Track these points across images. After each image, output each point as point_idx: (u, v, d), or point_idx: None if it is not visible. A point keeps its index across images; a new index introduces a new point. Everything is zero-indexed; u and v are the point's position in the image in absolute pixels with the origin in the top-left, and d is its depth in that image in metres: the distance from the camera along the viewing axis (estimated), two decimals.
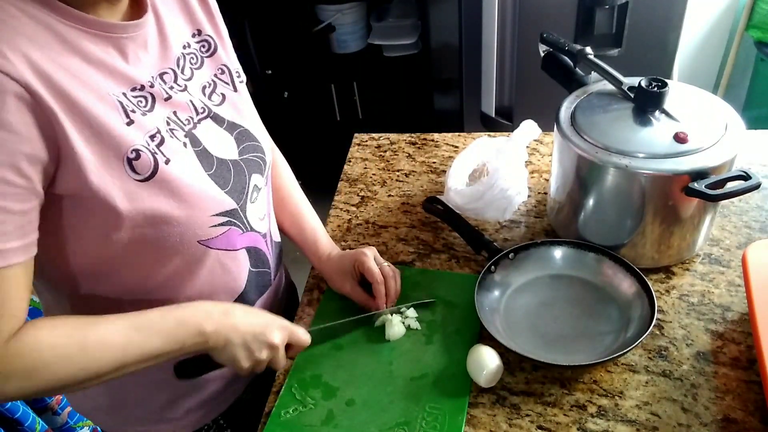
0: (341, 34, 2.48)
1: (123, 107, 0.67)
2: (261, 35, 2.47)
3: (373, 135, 1.38)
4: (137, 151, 0.67)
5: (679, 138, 0.86)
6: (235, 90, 0.85)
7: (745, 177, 0.84)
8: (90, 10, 0.65)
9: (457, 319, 0.92)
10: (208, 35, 0.83)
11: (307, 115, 2.71)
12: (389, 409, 0.81)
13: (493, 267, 0.94)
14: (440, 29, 2.22)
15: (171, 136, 0.72)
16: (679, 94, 0.94)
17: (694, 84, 0.98)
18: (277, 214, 1.01)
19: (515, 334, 0.87)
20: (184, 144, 0.74)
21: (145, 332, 0.69)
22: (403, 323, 0.91)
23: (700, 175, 0.83)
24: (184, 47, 0.79)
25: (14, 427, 1.32)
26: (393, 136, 1.37)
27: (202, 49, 0.82)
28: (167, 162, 0.70)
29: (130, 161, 0.66)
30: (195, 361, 0.78)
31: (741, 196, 0.87)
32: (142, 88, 0.71)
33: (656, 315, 0.82)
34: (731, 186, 0.83)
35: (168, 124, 0.73)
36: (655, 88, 0.90)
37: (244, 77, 0.89)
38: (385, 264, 0.94)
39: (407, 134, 1.37)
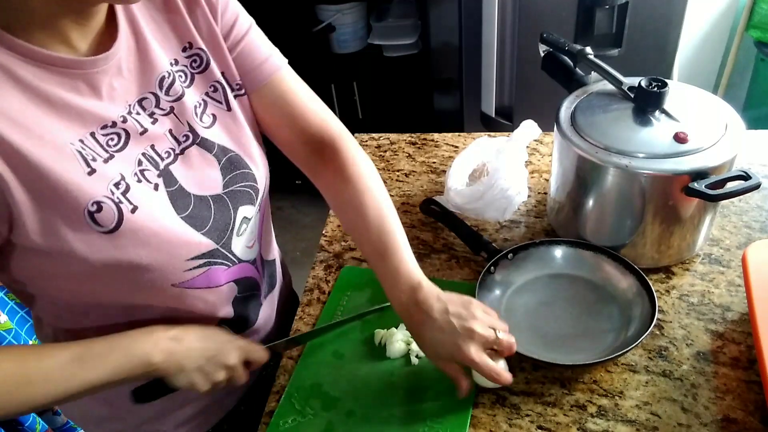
0: (341, 34, 2.48)
1: (83, 157, 0.62)
2: None
3: (373, 135, 1.38)
4: (98, 203, 0.63)
5: (679, 138, 0.86)
6: (229, 109, 0.78)
7: (745, 177, 0.84)
8: (57, 38, 0.61)
9: None
10: (200, 48, 0.75)
11: None
12: (390, 422, 0.79)
13: (492, 268, 0.94)
14: (440, 29, 2.22)
15: (139, 180, 0.68)
16: (679, 94, 0.94)
17: (694, 84, 0.98)
18: (352, 232, 0.88)
19: (516, 334, 0.87)
20: (156, 186, 0.69)
21: (89, 364, 0.67)
22: (407, 343, 0.87)
23: (700, 175, 0.83)
24: (172, 64, 0.73)
25: (14, 427, 1.32)
26: (393, 136, 1.37)
27: (193, 65, 0.75)
28: (134, 210, 0.66)
29: (91, 214, 0.63)
30: (151, 385, 0.77)
31: (741, 196, 0.87)
32: (114, 124, 0.66)
33: (656, 314, 0.82)
34: (731, 186, 0.83)
35: (140, 164, 0.68)
36: (655, 88, 0.90)
37: (281, 69, 0.82)
38: (502, 338, 0.74)
39: (407, 134, 1.37)
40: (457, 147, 1.31)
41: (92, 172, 0.63)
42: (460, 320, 0.73)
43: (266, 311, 0.94)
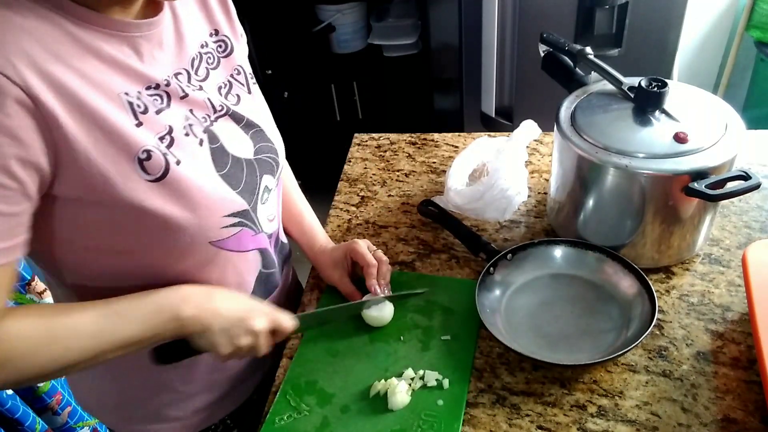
0: (341, 34, 2.48)
1: (133, 108, 0.66)
2: (261, 35, 2.47)
3: (373, 135, 1.38)
4: (148, 151, 0.66)
5: (679, 138, 0.86)
6: (250, 92, 0.85)
7: (745, 177, 0.84)
8: (103, 11, 0.65)
9: (454, 325, 0.91)
10: (225, 35, 0.83)
11: (307, 115, 2.71)
12: (385, 417, 0.80)
13: (492, 268, 0.94)
14: (440, 29, 2.22)
15: (186, 134, 0.72)
16: (679, 94, 0.94)
17: (694, 84, 0.99)
18: (286, 217, 1.01)
19: (517, 335, 0.87)
20: (201, 141, 0.74)
21: (117, 319, 0.68)
22: (411, 387, 0.83)
23: (700, 175, 0.83)
24: (202, 46, 0.79)
25: (14, 427, 1.32)
26: (393, 136, 1.37)
27: (219, 49, 0.82)
28: (178, 163, 0.69)
29: (141, 162, 0.66)
30: (174, 346, 0.76)
31: (741, 196, 0.87)
32: (158, 86, 0.70)
33: (656, 314, 0.82)
34: (731, 186, 0.83)
35: (187, 119, 0.73)
36: (655, 88, 0.90)
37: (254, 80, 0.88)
38: (378, 250, 0.96)
39: (407, 134, 1.37)
40: (457, 147, 1.31)
41: (140, 124, 0.67)
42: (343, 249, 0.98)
43: (274, 300, 0.94)
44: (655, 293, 0.85)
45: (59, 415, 1.44)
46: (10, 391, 1.31)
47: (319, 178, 1.83)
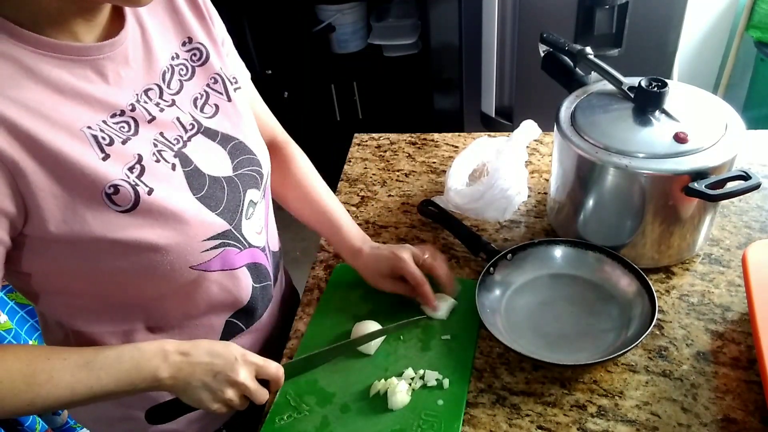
0: (341, 34, 2.48)
1: (98, 141, 0.64)
2: (261, 35, 2.47)
3: (373, 135, 1.38)
4: (115, 186, 0.65)
5: (679, 138, 0.86)
6: (229, 100, 0.81)
7: (745, 177, 0.84)
8: (65, 33, 0.63)
9: (454, 325, 0.91)
10: (200, 43, 0.79)
11: (307, 115, 2.71)
12: (385, 417, 0.80)
13: (491, 268, 0.94)
14: (440, 29, 2.22)
15: (157, 160, 0.70)
16: (679, 94, 0.94)
17: (694, 84, 0.98)
18: (302, 210, 0.99)
19: (517, 335, 0.87)
20: (173, 166, 0.71)
21: (96, 372, 0.67)
22: (412, 385, 0.83)
23: (700, 175, 0.83)
24: (173, 58, 0.76)
25: (14, 427, 1.32)
26: (393, 136, 1.37)
27: (193, 58, 0.78)
28: (150, 192, 0.67)
29: (109, 196, 0.64)
30: (167, 407, 0.76)
31: (741, 196, 0.87)
32: (123, 113, 0.68)
33: (656, 314, 0.82)
34: (731, 186, 0.83)
35: (155, 145, 0.70)
36: (655, 88, 0.90)
37: (243, 83, 0.86)
38: (426, 256, 0.92)
39: (407, 134, 1.37)
40: (457, 147, 1.31)
41: (106, 157, 0.65)
42: (389, 249, 0.94)
43: (272, 308, 0.94)
44: (655, 293, 0.85)
45: (59, 415, 1.44)
46: None
47: None
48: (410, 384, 0.83)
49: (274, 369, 0.78)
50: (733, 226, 1.04)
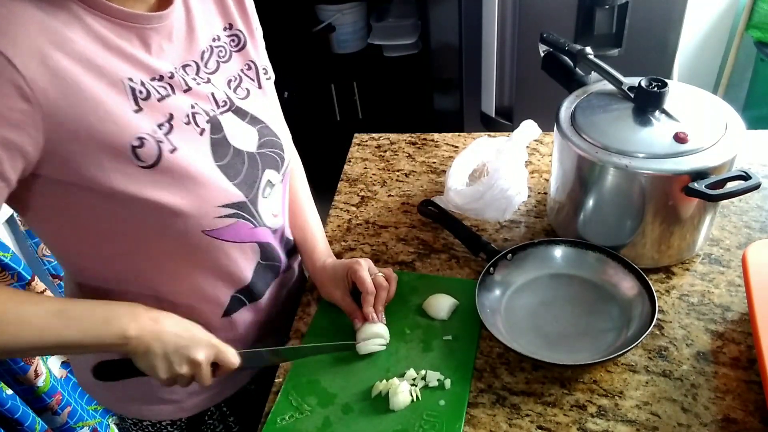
0: (341, 34, 2.49)
1: (134, 94, 0.68)
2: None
3: (373, 135, 1.38)
4: (141, 139, 0.67)
5: (679, 138, 0.86)
6: (260, 87, 0.85)
7: (745, 177, 0.84)
8: (116, 1, 0.66)
9: (455, 325, 0.91)
10: (239, 30, 0.84)
11: (307, 115, 2.71)
12: (387, 417, 0.80)
13: (491, 268, 0.94)
14: (440, 29, 2.22)
15: (187, 123, 0.73)
16: (679, 94, 0.94)
17: (694, 84, 0.98)
18: (293, 222, 1.01)
19: (517, 335, 0.87)
20: (202, 131, 0.74)
21: (66, 321, 0.69)
22: (415, 387, 0.82)
23: (700, 175, 0.83)
24: (214, 39, 0.80)
25: (14, 427, 1.32)
26: (393, 136, 1.37)
27: (232, 43, 0.83)
28: (173, 150, 0.70)
29: (134, 149, 0.67)
30: (115, 365, 0.77)
31: (741, 196, 0.87)
32: (161, 78, 0.71)
33: (656, 314, 0.82)
34: (731, 186, 0.83)
35: (192, 108, 0.74)
36: (655, 88, 0.90)
37: (272, 75, 0.90)
38: (379, 274, 0.92)
39: (407, 134, 1.37)
40: (457, 147, 1.31)
41: (139, 110, 0.68)
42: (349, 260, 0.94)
43: (277, 291, 0.95)
44: (655, 293, 0.85)
45: (59, 415, 1.44)
46: (10, 391, 1.31)
47: (319, 178, 1.83)
48: (413, 384, 0.82)
49: (232, 357, 0.79)
50: (733, 226, 1.04)
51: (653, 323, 0.81)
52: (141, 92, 0.68)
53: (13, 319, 0.67)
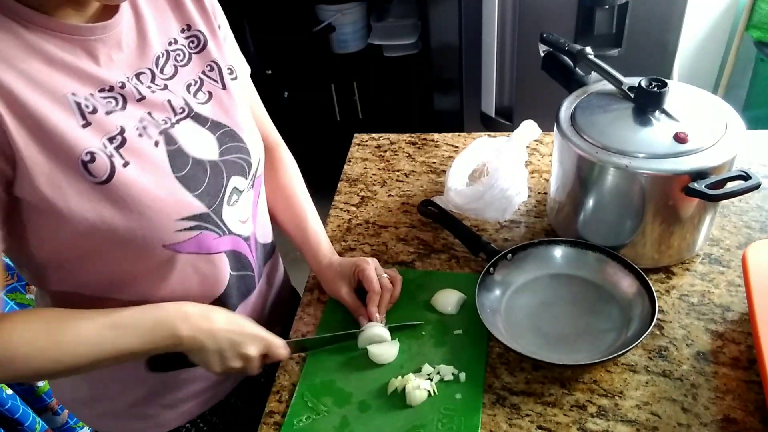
0: (341, 34, 2.48)
1: (80, 109, 0.65)
2: (261, 35, 2.47)
3: (373, 135, 1.38)
4: (92, 153, 0.65)
5: (679, 138, 0.86)
6: (224, 88, 0.82)
7: (745, 177, 0.84)
8: (55, 15, 0.64)
9: (465, 320, 0.91)
10: (198, 30, 0.80)
11: (307, 115, 2.71)
12: (405, 413, 0.80)
13: (492, 268, 0.94)
14: (440, 29, 2.22)
15: (140, 135, 0.70)
16: (679, 94, 0.94)
17: (694, 84, 0.98)
18: (280, 213, 1.00)
19: (517, 335, 0.87)
20: (156, 143, 0.72)
21: (119, 330, 0.70)
22: (431, 380, 0.83)
23: (700, 175, 0.83)
24: (170, 43, 0.77)
25: (14, 427, 1.32)
26: (393, 136, 1.37)
27: (191, 45, 0.80)
28: (125, 165, 0.68)
29: (84, 164, 0.65)
30: (169, 357, 0.78)
31: (741, 196, 0.87)
32: (112, 89, 0.69)
33: (656, 314, 0.82)
34: (731, 186, 0.83)
35: (141, 121, 0.71)
36: (655, 88, 0.90)
37: (240, 74, 0.87)
38: (384, 276, 0.93)
39: (407, 134, 1.37)
40: (457, 147, 1.31)
41: (87, 125, 0.66)
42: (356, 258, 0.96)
43: (254, 301, 0.93)
44: (655, 293, 0.85)
45: (59, 415, 1.44)
46: (10, 391, 1.31)
47: (319, 178, 1.83)
48: (428, 379, 0.83)
49: (283, 350, 0.83)
50: (733, 226, 1.04)
51: (653, 323, 0.81)
52: (87, 106, 0.66)
53: (70, 337, 0.68)
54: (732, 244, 1.00)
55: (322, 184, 1.55)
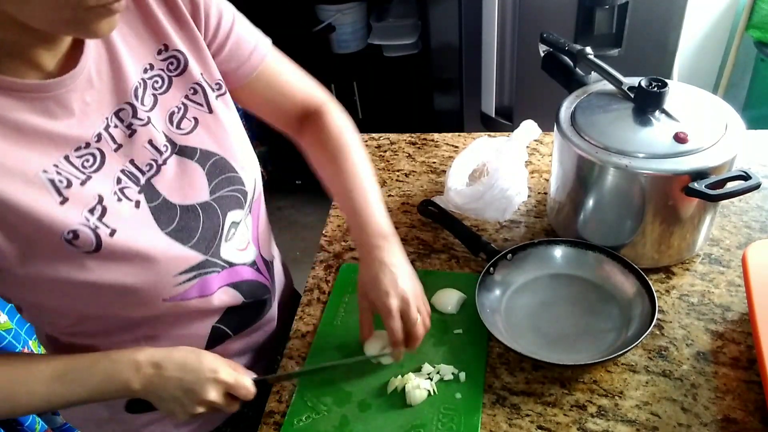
0: (341, 34, 2.48)
1: (55, 185, 0.62)
2: None
3: (373, 135, 1.38)
4: (74, 231, 0.62)
5: (679, 138, 0.86)
6: (210, 111, 0.76)
7: (745, 177, 0.84)
8: (25, 64, 0.60)
9: (465, 319, 0.91)
10: (177, 50, 0.73)
11: None
12: (405, 412, 0.80)
13: (491, 268, 0.94)
14: (440, 29, 2.22)
15: (119, 199, 0.67)
16: (679, 94, 0.94)
17: (694, 84, 0.98)
18: (331, 188, 0.88)
19: (517, 335, 0.87)
20: (137, 203, 0.68)
21: (69, 384, 0.69)
22: (431, 380, 0.83)
23: (700, 175, 0.83)
24: (146, 70, 0.71)
25: (14, 427, 1.32)
26: (393, 136, 1.37)
27: (170, 68, 0.73)
28: (112, 233, 0.65)
29: (69, 241, 0.62)
30: (145, 401, 0.77)
31: (741, 196, 0.87)
32: (88, 145, 0.65)
33: (656, 314, 0.82)
34: (731, 186, 0.83)
35: (119, 182, 0.67)
36: (655, 88, 0.90)
37: (264, 52, 0.82)
38: (418, 319, 0.78)
39: (407, 134, 1.37)
40: (457, 147, 1.31)
41: (65, 201, 0.62)
42: (372, 296, 0.79)
43: (269, 311, 0.93)
44: (655, 293, 0.85)
45: (58, 415, 1.44)
46: None
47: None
48: (428, 379, 0.83)
49: (244, 390, 0.76)
50: (733, 226, 1.03)
51: (653, 323, 0.81)
52: (61, 182, 0.62)
53: (22, 390, 0.68)
54: (732, 244, 1.00)
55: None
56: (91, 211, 0.64)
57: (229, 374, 0.75)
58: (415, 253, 1.06)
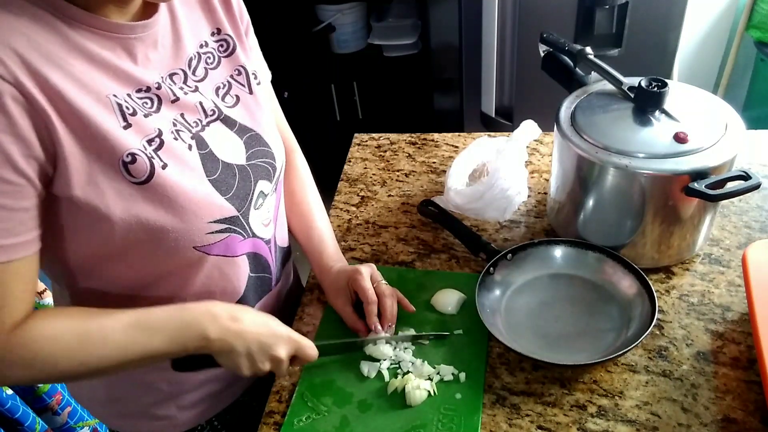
0: (341, 34, 2.48)
1: (122, 110, 0.66)
2: (261, 35, 2.46)
3: (373, 135, 1.38)
4: (133, 154, 0.66)
5: (679, 138, 0.86)
6: (251, 92, 0.84)
7: (745, 177, 0.84)
8: (98, 12, 0.65)
9: (465, 320, 0.91)
10: (228, 35, 0.82)
11: (307, 115, 2.71)
12: (405, 413, 0.80)
13: (491, 268, 0.94)
14: (440, 29, 2.22)
15: (175, 138, 0.71)
16: (679, 94, 0.94)
17: (694, 84, 0.98)
18: (290, 217, 1.00)
19: (517, 335, 0.87)
20: (189, 146, 0.73)
21: (148, 332, 0.69)
22: (431, 380, 0.83)
23: (700, 175, 0.83)
24: (201, 46, 0.79)
25: (14, 427, 1.32)
26: (393, 136, 1.37)
27: (220, 49, 0.81)
28: (164, 167, 0.69)
29: (125, 165, 0.66)
30: (195, 357, 0.76)
31: (741, 196, 0.87)
32: (148, 89, 0.70)
33: (656, 314, 0.82)
34: (731, 186, 0.83)
35: (174, 125, 0.72)
36: (655, 88, 0.90)
37: (262, 80, 0.88)
38: (383, 282, 0.90)
39: (407, 134, 1.37)
40: (457, 147, 1.31)
41: (128, 126, 0.67)
42: (354, 266, 0.93)
43: (269, 301, 0.94)
44: (655, 293, 0.85)
45: (59, 415, 1.44)
46: (10, 391, 1.31)
47: (319, 178, 1.83)
48: (428, 379, 0.83)
49: (312, 350, 0.80)
50: (733, 226, 1.04)
51: (653, 323, 0.81)
52: (128, 108, 0.67)
53: (98, 338, 0.67)
54: (732, 244, 1.00)
55: (322, 184, 1.55)
56: (150, 141, 0.68)
57: (299, 335, 0.79)
58: (415, 253, 1.06)
